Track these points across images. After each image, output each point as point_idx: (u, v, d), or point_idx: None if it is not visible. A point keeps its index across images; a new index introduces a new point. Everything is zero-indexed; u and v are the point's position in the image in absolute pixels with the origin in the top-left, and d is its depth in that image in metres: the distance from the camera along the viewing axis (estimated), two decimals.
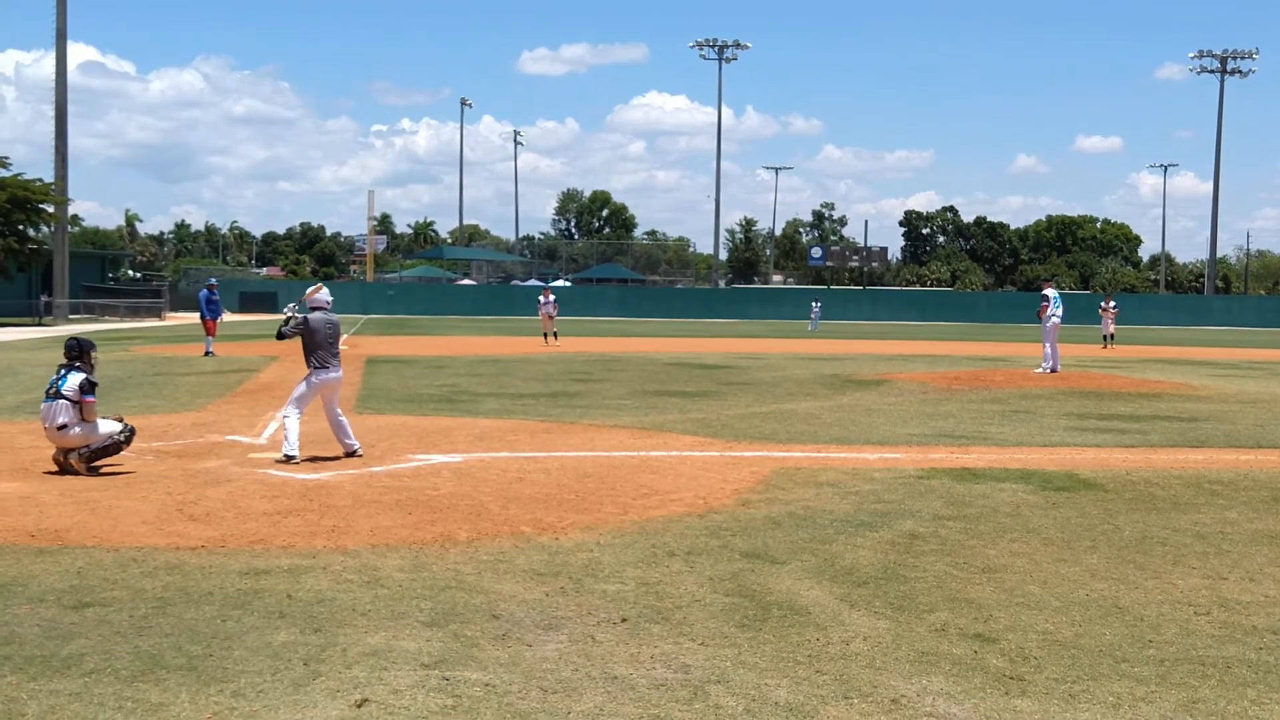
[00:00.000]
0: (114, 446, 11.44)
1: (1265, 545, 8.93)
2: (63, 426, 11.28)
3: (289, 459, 11.92)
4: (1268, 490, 11.37)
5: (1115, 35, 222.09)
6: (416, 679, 5.64)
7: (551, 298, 39.97)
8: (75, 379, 11.48)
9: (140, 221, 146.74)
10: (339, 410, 12.66)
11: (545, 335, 38.94)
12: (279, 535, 8.72)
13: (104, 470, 11.32)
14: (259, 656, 5.93)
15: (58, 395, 11.42)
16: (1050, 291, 27.22)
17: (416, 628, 6.47)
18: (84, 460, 11.23)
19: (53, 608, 6.78)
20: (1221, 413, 18.83)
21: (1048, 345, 26.40)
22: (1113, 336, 43.37)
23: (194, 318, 37.61)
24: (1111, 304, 44.03)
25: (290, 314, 12.60)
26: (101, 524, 9.01)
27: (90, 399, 11.44)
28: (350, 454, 12.43)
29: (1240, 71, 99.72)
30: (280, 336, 12.62)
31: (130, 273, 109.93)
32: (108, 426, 11.49)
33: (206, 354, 30.13)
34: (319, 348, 12.34)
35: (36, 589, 7.17)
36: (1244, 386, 24.76)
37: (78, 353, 11.78)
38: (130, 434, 11.64)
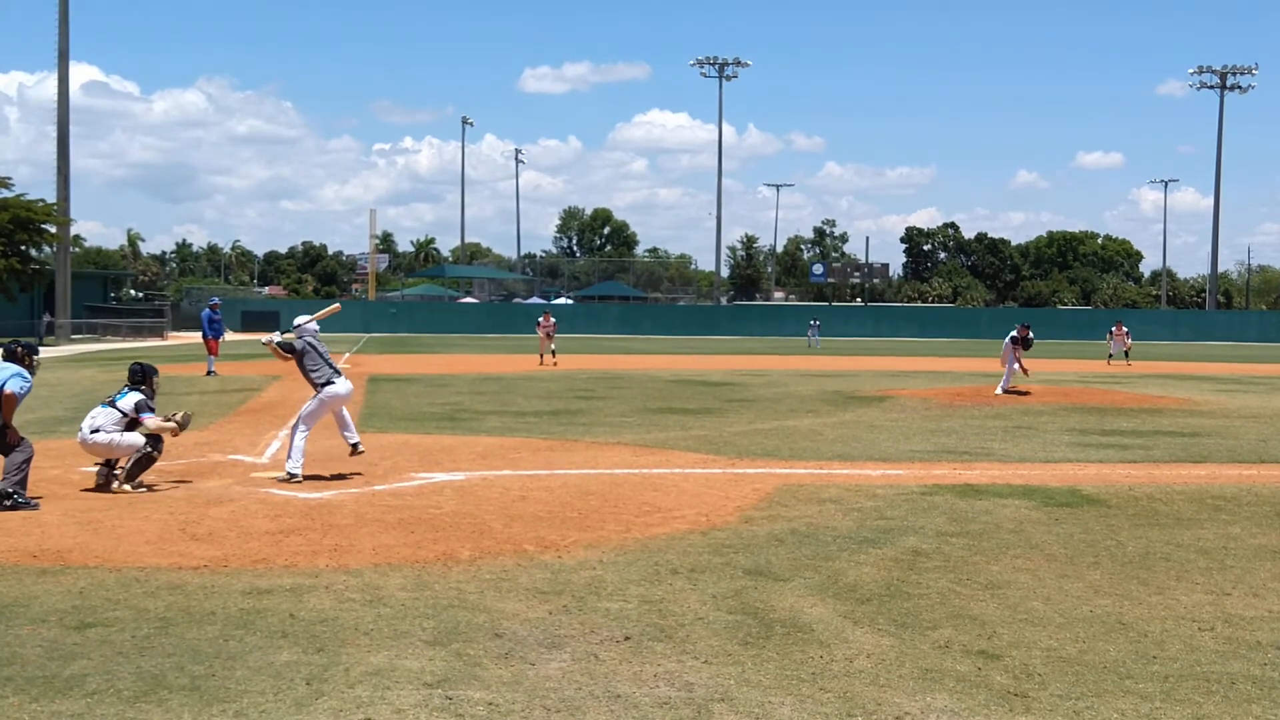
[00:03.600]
0: (145, 459, 11.61)
1: (1268, 560, 8.92)
2: (96, 430, 11.68)
3: (291, 478, 11.93)
4: (1270, 505, 11.36)
5: (1115, 52, 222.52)
6: (419, 698, 5.63)
7: (552, 320, 39.66)
8: (133, 398, 11.89)
9: (143, 241, 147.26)
10: (345, 412, 12.71)
11: (542, 355, 38.68)
12: (281, 554, 8.71)
13: (115, 489, 11.37)
14: (261, 676, 5.93)
15: (111, 405, 11.90)
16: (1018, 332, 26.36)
17: (419, 647, 6.46)
18: (128, 480, 11.47)
19: (55, 628, 6.77)
20: (1224, 428, 18.82)
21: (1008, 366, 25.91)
22: (1111, 355, 43.22)
23: (196, 337, 37.73)
24: (1123, 329, 43.76)
25: (276, 340, 12.75)
26: (104, 544, 9.01)
27: (146, 416, 11.79)
28: (353, 449, 12.47)
29: (1240, 87, 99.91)
30: (286, 349, 12.65)
31: (132, 292, 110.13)
32: (131, 439, 11.70)
33: (209, 373, 30.15)
34: (322, 361, 12.42)
35: (39, 609, 7.17)
36: (1246, 401, 24.75)
37: (141, 377, 12.24)
38: (156, 442, 11.73)
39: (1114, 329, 43.91)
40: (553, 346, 38.60)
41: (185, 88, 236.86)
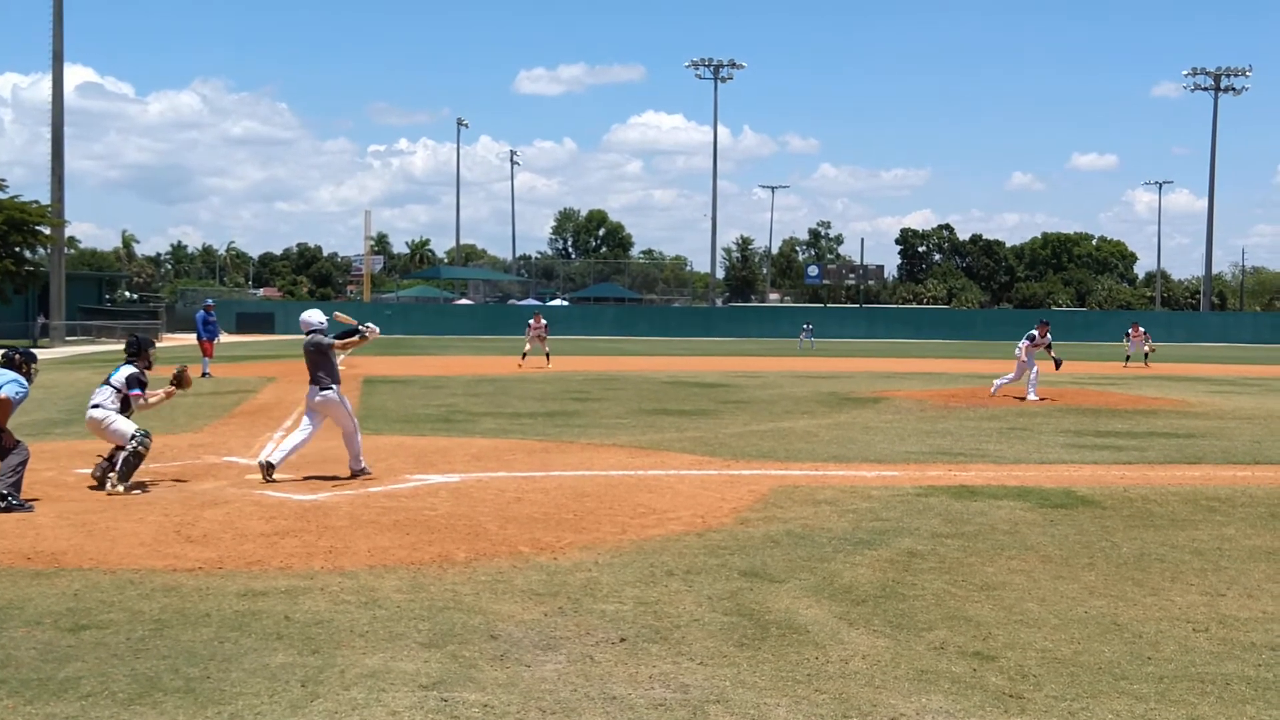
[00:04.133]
0: (134, 457, 11.66)
1: (1263, 561, 8.93)
2: (96, 406, 11.98)
3: (263, 466, 12.19)
4: (1265, 506, 11.38)
5: (1110, 53, 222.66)
6: (414, 700, 5.63)
7: (544, 321, 38.87)
8: (125, 372, 12.20)
9: (137, 243, 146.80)
10: (345, 434, 12.61)
11: (524, 355, 37.92)
12: (276, 556, 8.71)
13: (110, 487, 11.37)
14: (256, 678, 5.92)
15: (107, 383, 12.19)
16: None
17: (414, 649, 6.46)
18: (121, 480, 11.50)
19: (49, 630, 6.76)
20: (1218, 429, 18.85)
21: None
22: (1129, 357, 43.00)
23: (191, 339, 37.69)
24: (1140, 330, 43.54)
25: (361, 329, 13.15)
26: (98, 546, 9.00)
27: (135, 393, 12.09)
28: (355, 474, 12.49)
29: (1234, 89, 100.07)
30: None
31: (127, 294, 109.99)
32: (121, 427, 11.82)
33: (203, 375, 30.08)
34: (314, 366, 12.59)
35: (33, 611, 7.16)
36: (1240, 403, 24.79)
37: (136, 350, 12.49)
38: (143, 437, 11.75)
39: (1130, 330, 43.64)
40: (546, 349, 38.27)
41: (180, 89, 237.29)
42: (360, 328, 12.98)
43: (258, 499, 11.18)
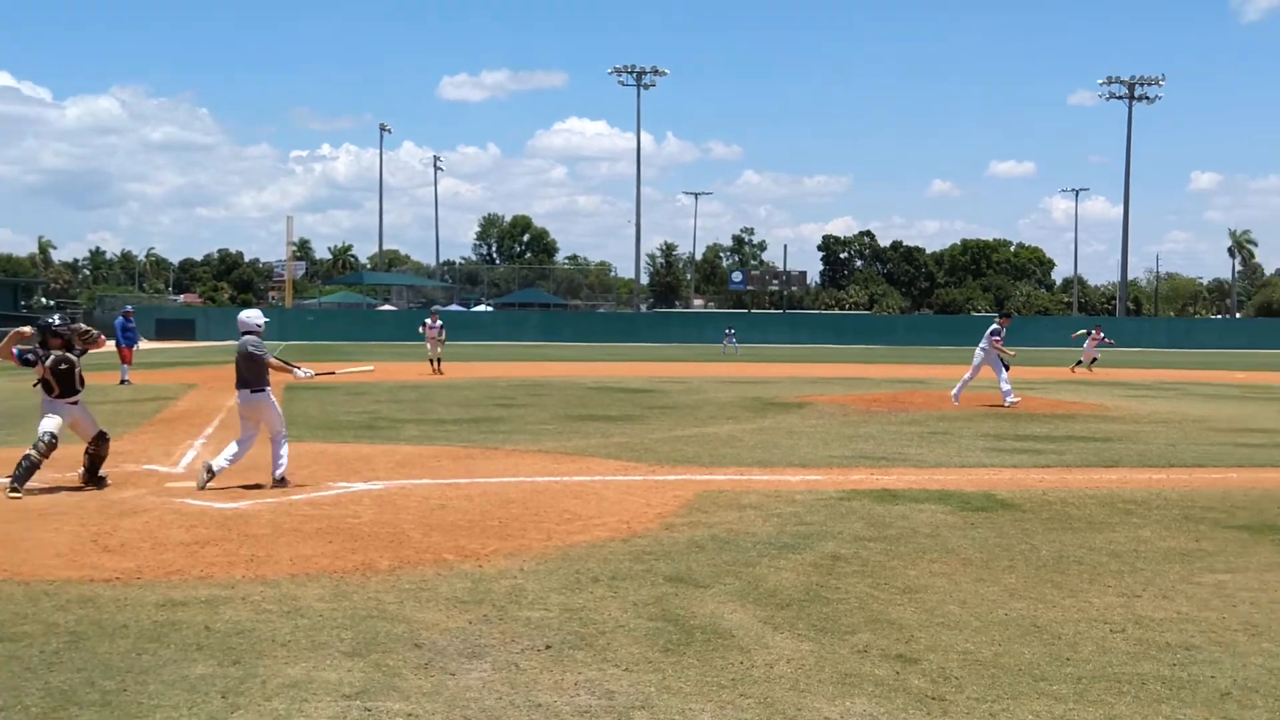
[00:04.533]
0: (25, 460, 11.63)
1: (1177, 563, 9.10)
2: None
3: (207, 471, 12.06)
4: (1179, 509, 11.59)
5: (1027, 62, 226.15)
6: (337, 710, 5.57)
7: (439, 323, 37.70)
8: None
9: (54, 249, 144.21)
10: (274, 437, 12.40)
11: (431, 361, 36.94)
12: (196, 565, 8.58)
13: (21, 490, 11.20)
14: (175, 690, 5.83)
15: None
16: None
17: (337, 658, 6.39)
18: (14, 482, 11.52)
19: None
20: (1134, 433, 19.19)
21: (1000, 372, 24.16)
22: (1095, 360, 43.25)
23: (109, 345, 37.05)
24: (1100, 334, 43.70)
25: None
26: (11, 557, 8.81)
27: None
28: (276, 482, 12.27)
29: (1148, 98, 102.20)
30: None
31: (44, 300, 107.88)
32: (41, 422, 12.10)
33: (122, 382, 29.64)
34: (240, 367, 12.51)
35: None
36: (1155, 407, 25.26)
37: (40, 334, 12.41)
38: (44, 446, 11.78)
39: (1093, 331, 43.71)
40: (440, 352, 37.07)
41: (99, 94, 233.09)
42: (294, 368, 13.00)
43: (177, 507, 11.01)
